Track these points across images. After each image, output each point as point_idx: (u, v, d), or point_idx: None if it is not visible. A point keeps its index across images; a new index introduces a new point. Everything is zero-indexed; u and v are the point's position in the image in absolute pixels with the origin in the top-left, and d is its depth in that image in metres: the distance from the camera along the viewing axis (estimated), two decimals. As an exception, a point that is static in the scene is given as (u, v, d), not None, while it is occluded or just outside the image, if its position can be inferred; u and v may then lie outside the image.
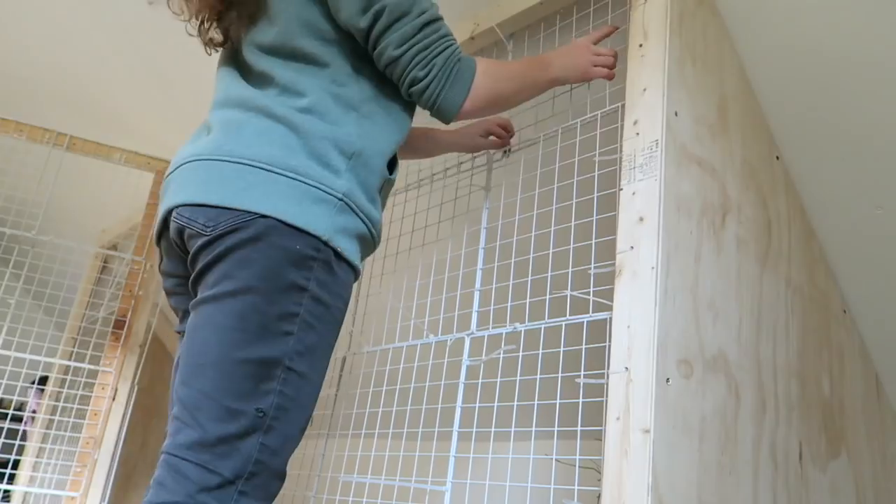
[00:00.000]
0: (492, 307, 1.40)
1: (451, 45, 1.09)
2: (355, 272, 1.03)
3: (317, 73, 1.04)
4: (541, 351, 1.21)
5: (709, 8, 1.31)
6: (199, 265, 0.94)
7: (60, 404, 2.56)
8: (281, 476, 0.95)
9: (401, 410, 1.76)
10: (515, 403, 1.27)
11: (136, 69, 2.27)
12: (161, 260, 1.07)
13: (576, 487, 1.13)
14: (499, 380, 1.31)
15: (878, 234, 1.51)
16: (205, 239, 0.93)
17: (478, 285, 1.37)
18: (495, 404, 1.31)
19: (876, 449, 1.70)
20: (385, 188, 1.09)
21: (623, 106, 1.22)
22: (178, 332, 1.10)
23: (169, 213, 0.98)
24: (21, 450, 2.66)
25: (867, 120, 1.36)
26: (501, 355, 1.28)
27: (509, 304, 1.34)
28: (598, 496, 1.01)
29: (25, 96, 2.53)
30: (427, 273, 1.69)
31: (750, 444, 1.21)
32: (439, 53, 1.07)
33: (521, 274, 1.47)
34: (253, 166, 0.94)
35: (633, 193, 1.12)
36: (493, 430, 1.29)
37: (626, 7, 1.32)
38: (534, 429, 1.21)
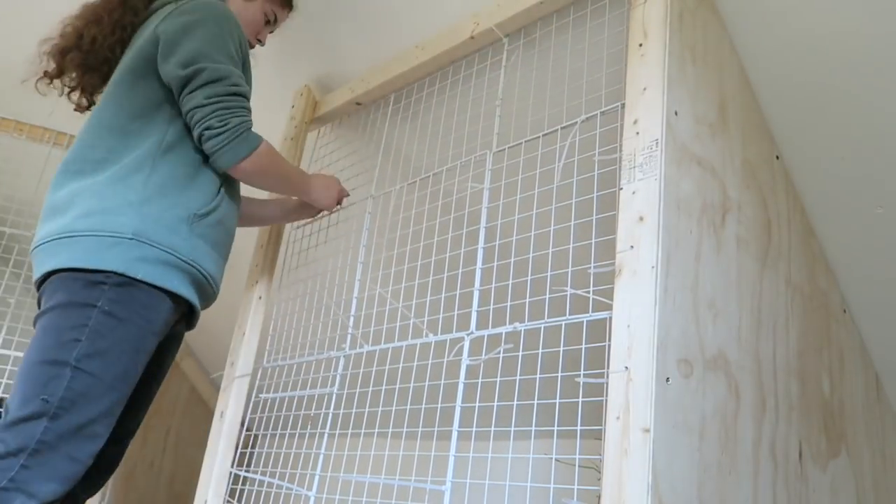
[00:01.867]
0: (491, 306, 1.40)
1: (248, 118, 1.34)
2: (169, 295, 1.26)
3: (124, 140, 1.31)
4: (540, 350, 1.21)
5: (709, 7, 1.31)
6: (38, 294, 1.28)
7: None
8: (74, 460, 1.14)
9: (400, 410, 1.76)
10: (515, 403, 1.27)
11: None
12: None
13: (576, 487, 1.13)
14: (498, 379, 1.31)
15: (878, 234, 1.51)
16: (41, 292, 1.26)
17: (477, 285, 1.37)
18: (495, 404, 1.31)
19: (876, 448, 1.70)
20: (197, 220, 1.31)
21: (623, 105, 1.22)
22: None
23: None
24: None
25: (867, 120, 1.36)
26: (501, 355, 1.28)
27: (509, 303, 1.34)
28: (598, 496, 1.01)
29: (25, 96, 2.53)
30: (426, 272, 1.69)
31: (750, 444, 1.21)
32: (237, 116, 1.31)
33: (520, 273, 1.47)
34: (62, 238, 1.24)
35: (633, 193, 1.12)
36: (492, 429, 1.29)
37: (624, 7, 1.32)
38: (533, 428, 1.21)
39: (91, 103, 1.48)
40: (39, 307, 1.26)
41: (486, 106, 1.64)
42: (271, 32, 1.63)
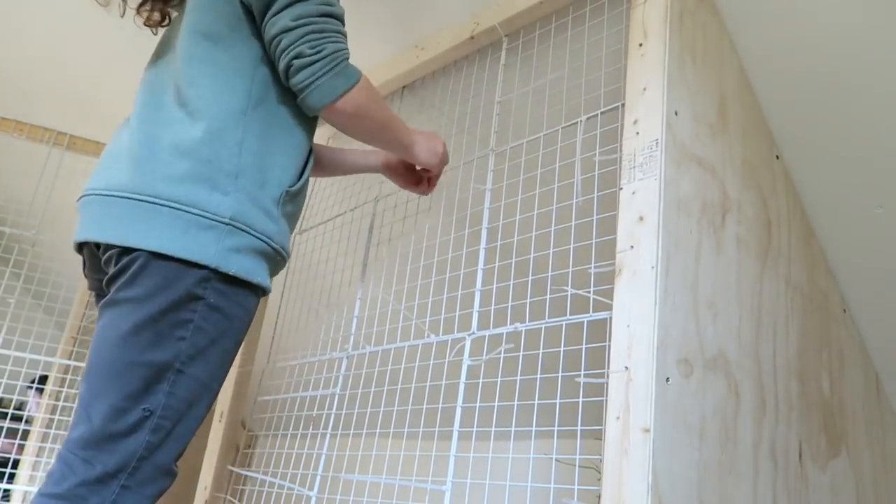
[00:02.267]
0: (492, 307, 1.41)
1: (345, 44, 1.10)
2: (257, 289, 1.08)
3: (215, 73, 1.07)
4: (541, 350, 1.21)
5: (709, 7, 1.31)
6: (110, 271, 1.02)
7: (60, 404, 2.56)
8: (169, 473, 1.01)
9: (401, 410, 1.76)
10: (516, 403, 1.27)
11: (136, 69, 2.27)
12: (84, 264, 1.13)
13: (576, 487, 1.13)
14: (499, 379, 1.32)
15: (878, 234, 1.51)
16: (114, 257, 1.01)
17: (479, 285, 1.37)
18: (496, 404, 1.31)
19: (876, 448, 1.70)
20: (288, 199, 1.11)
21: (623, 105, 1.22)
22: None
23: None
24: (21, 449, 2.66)
25: (867, 120, 1.36)
26: (502, 355, 1.28)
27: (510, 303, 1.34)
28: (598, 496, 1.01)
29: (25, 96, 2.53)
30: (428, 273, 1.69)
31: (750, 444, 1.21)
32: (333, 42, 1.07)
33: (521, 274, 1.47)
34: (143, 201, 1.00)
35: (633, 193, 1.12)
36: (493, 429, 1.29)
37: (623, 7, 1.32)
38: (534, 428, 1.21)
39: (165, 17, 1.25)
40: (103, 282, 1.04)
41: (486, 106, 1.64)
42: None
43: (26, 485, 2.64)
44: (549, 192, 1.42)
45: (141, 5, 1.23)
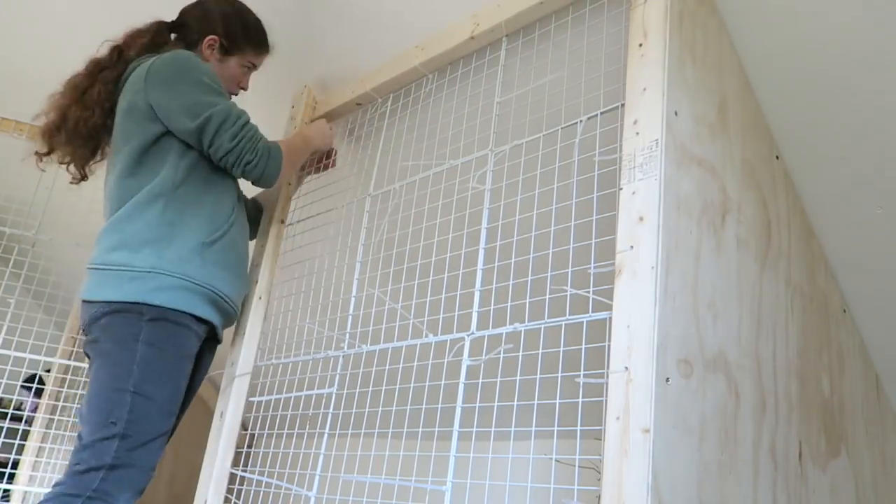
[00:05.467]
0: (492, 307, 1.40)
1: (262, 137, 1.52)
2: (190, 317, 1.44)
3: (134, 183, 1.47)
4: (541, 351, 1.21)
5: (709, 7, 1.30)
6: (89, 334, 1.44)
7: (60, 404, 2.56)
8: (143, 470, 1.35)
9: (401, 410, 1.76)
10: (515, 403, 1.27)
11: (135, 69, 2.27)
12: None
13: (576, 487, 1.13)
14: (499, 379, 1.31)
15: (878, 234, 1.51)
16: (89, 319, 1.43)
17: (478, 285, 1.37)
18: (495, 404, 1.31)
19: (876, 449, 1.70)
20: (205, 248, 1.47)
21: (623, 105, 1.22)
22: None
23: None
24: (21, 449, 2.66)
25: (867, 120, 1.36)
26: (501, 355, 1.28)
27: (509, 303, 1.34)
28: (598, 496, 1.01)
29: (25, 96, 2.53)
30: (427, 273, 1.69)
31: (750, 444, 1.21)
32: (259, 141, 1.51)
33: (520, 274, 1.47)
34: (97, 269, 1.43)
35: (633, 193, 1.12)
36: (493, 429, 1.29)
37: (623, 7, 1.32)
38: (534, 428, 1.21)
39: (84, 175, 1.63)
40: (88, 327, 1.43)
41: (486, 106, 1.64)
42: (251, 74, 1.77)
43: (26, 485, 2.64)
44: (549, 192, 1.42)
45: (66, 166, 1.63)
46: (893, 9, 1.20)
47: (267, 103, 2.05)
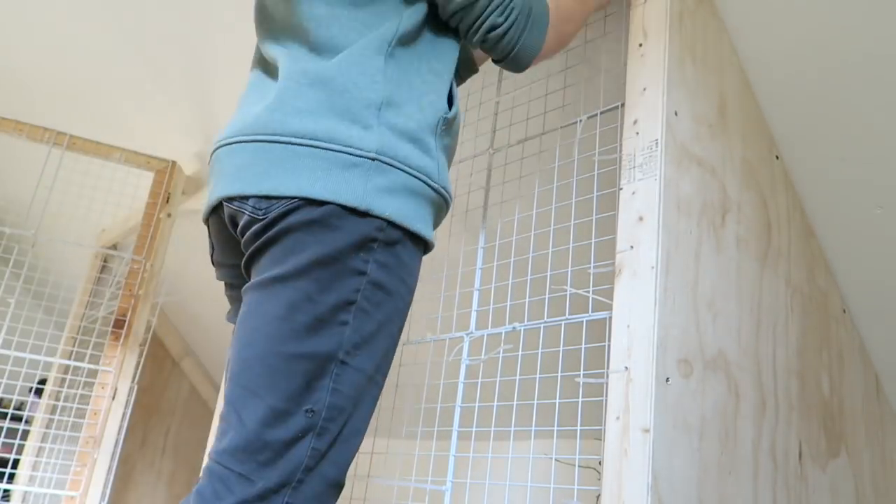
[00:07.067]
0: (491, 306, 1.40)
1: None
2: (419, 245, 0.91)
3: (351, 15, 0.92)
4: (540, 350, 1.21)
5: (708, 7, 1.31)
6: (250, 249, 0.86)
7: (60, 404, 2.56)
8: (337, 485, 0.84)
9: (400, 409, 1.76)
10: (515, 403, 1.27)
11: (136, 69, 2.27)
12: (213, 250, 0.99)
13: (575, 487, 1.13)
14: (498, 379, 1.31)
15: (878, 234, 1.51)
16: (257, 225, 0.84)
17: (477, 285, 1.37)
18: (495, 404, 1.31)
19: (875, 449, 1.70)
20: (445, 128, 0.95)
21: (623, 105, 1.22)
22: (231, 322, 1.02)
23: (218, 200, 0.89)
24: (21, 449, 2.66)
25: (867, 120, 1.36)
26: (501, 355, 1.28)
27: (508, 303, 1.34)
28: (598, 496, 1.01)
29: (25, 96, 2.53)
30: (426, 272, 1.69)
31: (750, 444, 1.21)
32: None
33: (520, 273, 1.47)
34: (297, 144, 0.85)
35: (633, 193, 1.12)
36: (492, 429, 1.29)
37: (622, 7, 1.32)
38: (533, 428, 1.21)
39: None
40: (245, 246, 0.87)
41: (485, 105, 1.64)
42: None
43: (26, 485, 2.64)
44: (549, 192, 1.42)
45: None
46: (894, 8, 1.20)
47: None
